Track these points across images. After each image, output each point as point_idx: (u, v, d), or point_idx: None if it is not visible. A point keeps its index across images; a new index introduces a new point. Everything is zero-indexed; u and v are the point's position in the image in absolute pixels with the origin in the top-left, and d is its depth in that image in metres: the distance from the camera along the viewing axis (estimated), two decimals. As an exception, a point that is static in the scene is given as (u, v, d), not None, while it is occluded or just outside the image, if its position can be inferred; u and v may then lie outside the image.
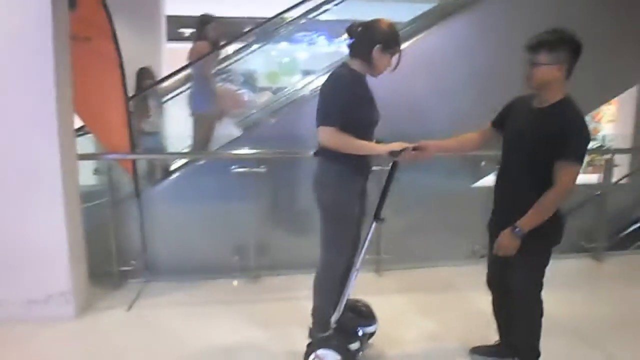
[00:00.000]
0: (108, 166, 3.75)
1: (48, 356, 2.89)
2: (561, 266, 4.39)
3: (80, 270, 3.40)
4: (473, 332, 3.05)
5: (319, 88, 2.52)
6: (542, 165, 2.23)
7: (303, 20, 6.19)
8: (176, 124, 6.87)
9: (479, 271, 3.10)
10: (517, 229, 2.26)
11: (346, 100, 2.42)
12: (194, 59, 4.72)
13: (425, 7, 5.23)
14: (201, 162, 4.21)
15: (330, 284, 2.66)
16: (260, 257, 3.96)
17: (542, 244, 2.38)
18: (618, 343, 3.06)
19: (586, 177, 4.81)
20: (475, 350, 2.88)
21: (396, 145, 2.44)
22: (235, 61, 6.99)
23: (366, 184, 2.69)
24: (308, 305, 3.41)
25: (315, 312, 2.74)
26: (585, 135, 2.22)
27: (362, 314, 2.91)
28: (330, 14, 6.22)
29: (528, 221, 2.26)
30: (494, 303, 2.74)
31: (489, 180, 4.17)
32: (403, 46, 4.27)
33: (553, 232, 2.39)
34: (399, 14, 5.67)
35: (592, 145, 9.56)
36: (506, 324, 2.69)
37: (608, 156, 4.61)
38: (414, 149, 2.49)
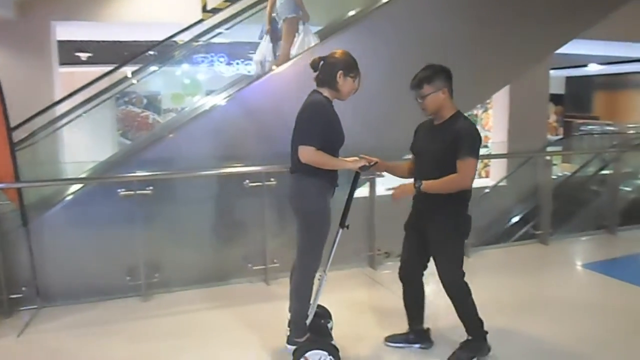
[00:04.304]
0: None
1: None
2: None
3: (-34, 301, 3.41)
4: (353, 326, 3.39)
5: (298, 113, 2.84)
6: (445, 170, 2.74)
7: (197, 43, 6.43)
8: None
9: (366, 273, 3.33)
10: (418, 184, 2.77)
11: (324, 123, 2.78)
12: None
13: (315, 29, 5.62)
14: (88, 188, 4.28)
15: (309, 288, 2.92)
16: (152, 276, 4.08)
17: (455, 237, 2.91)
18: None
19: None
20: (389, 339, 3.24)
21: (362, 161, 2.85)
22: (136, 83, 7.09)
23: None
24: (198, 317, 3.63)
25: (295, 318, 2.95)
26: (475, 135, 2.78)
27: (320, 314, 3.15)
28: (225, 37, 6.52)
29: (429, 184, 2.76)
30: (406, 295, 3.14)
31: (364, 191, 4.59)
32: (288, 64, 4.67)
33: (463, 226, 2.94)
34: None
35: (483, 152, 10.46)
36: (417, 313, 3.16)
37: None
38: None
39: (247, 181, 4.21)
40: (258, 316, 3.70)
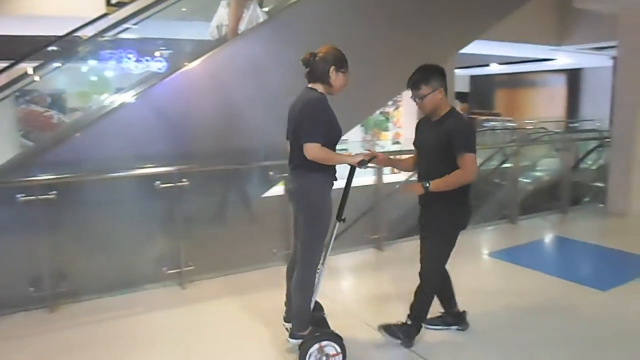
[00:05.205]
0: None
1: None
2: (350, 259, 5.03)
3: None
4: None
5: (291, 109, 2.89)
6: (444, 163, 2.86)
7: (103, 38, 6.15)
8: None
9: (279, 272, 3.40)
10: (426, 184, 2.84)
11: (326, 118, 2.80)
12: None
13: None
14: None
15: (311, 281, 2.91)
16: (58, 285, 3.86)
17: (451, 229, 3.03)
18: (374, 313, 3.65)
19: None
20: (428, 321, 3.33)
21: (360, 156, 2.89)
22: (38, 80, 6.65)
23: None
24: (110, 326, 3.47)
25: (299, 313, 2.92)
26: (467, 130, 2.94)
27: (315, 307, 3.09)
28: (134, 33, 6.28)
29: (437, 184, 2.83)
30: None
31: (279, 190, 4.53)
32: (197, 62, 4.55)
33: (462, 217, 3.06)
34: (201, 32, 5.88)
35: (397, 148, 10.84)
36: (448, 299, 3.37)
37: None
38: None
39: (158, 182, 4.09)
40: (174, 322, 3.63)
